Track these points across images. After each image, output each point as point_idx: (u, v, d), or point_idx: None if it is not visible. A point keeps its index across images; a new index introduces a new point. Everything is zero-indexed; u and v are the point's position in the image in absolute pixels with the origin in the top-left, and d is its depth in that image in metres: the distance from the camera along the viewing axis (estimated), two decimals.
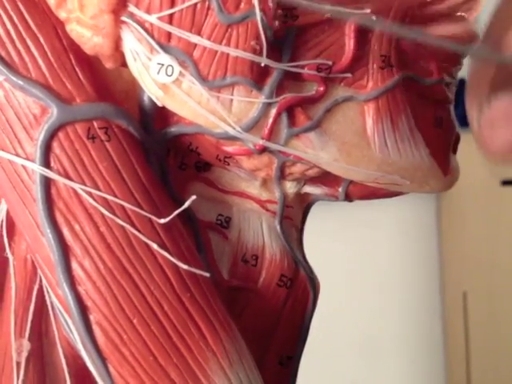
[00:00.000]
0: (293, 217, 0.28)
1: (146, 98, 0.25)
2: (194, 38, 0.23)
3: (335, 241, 1.48)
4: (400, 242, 1.76)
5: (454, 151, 0.29)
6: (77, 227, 0.24)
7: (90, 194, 0.24)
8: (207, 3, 0.23)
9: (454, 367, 1.72)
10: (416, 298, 1.85)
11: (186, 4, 0.23)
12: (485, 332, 1.76)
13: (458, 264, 1.89)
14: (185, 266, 0.24)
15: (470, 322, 1.80)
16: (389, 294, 1.76)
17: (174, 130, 0.26)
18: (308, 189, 0.28)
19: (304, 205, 0.29)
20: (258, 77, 0.24)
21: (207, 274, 0.25)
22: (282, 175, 0.27)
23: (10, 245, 0.25)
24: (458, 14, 0.28)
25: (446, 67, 0.28)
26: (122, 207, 0.24)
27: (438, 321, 1.87)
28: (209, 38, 0.23)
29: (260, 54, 0.24)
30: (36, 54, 0.24)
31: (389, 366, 1.68)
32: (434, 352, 1.82)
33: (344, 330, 1.63)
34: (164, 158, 0.26)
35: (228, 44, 0.23)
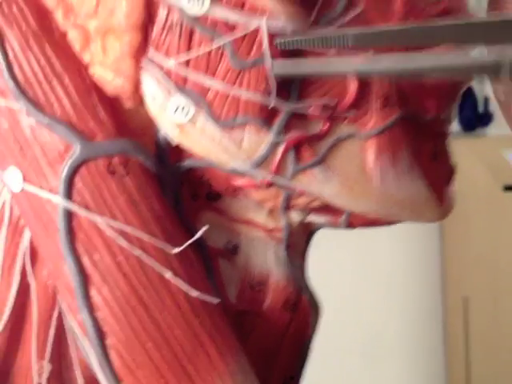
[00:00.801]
0: (297, 244, 0.30)
1: (161, 135, 0.27)
2: (209, 81, 0.25)
3: (337, 245, 1.50)
4: (402, 247, 1.77)
5: (450, 183, 0.30)
6: (96, 256, 0.26)
7: (109, 226, 0.26)
8: (221, 50, 0.25)
9: (455, 372, 1.74)
10: (417, 302, 1.87)
11: (202, 50, 0.25)
12: (485, 337, 1.77)
13: (459, 269, 1.90)
14: (195, 294, 0.26)
15: (471, 327, 1.81)
16: (390, 299, 1.77)
17: (187, 163, 0.28)
18: (312, 218, 0.30)
19: (308, 232, 0.31)
20: (267, 117, 0.26)
21: (216, 301, 0.26)
22: (287, 206, 0.28)
23: (32, 271, 0.27)
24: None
25: (444, 103, 0.29)
26: (138, 238, 0.26)
27: (439, 326, 1.88)
28: (222, 82, 0.25)
29: (269, 95, 0.25)
30: (61, 93, 0.26)
31: (389, 371, 1.70)
32: (434, 357, 1.83)
33: (345, 334, 1.64)
34: (178, 189, 0.28)
35: (240, 87, 0.25)
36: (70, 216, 0.26)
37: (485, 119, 2.34)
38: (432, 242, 2.03)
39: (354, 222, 0.30)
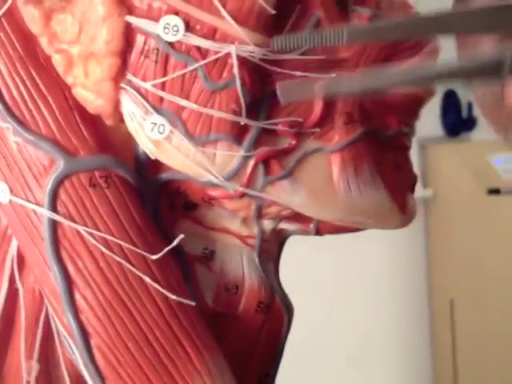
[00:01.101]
0: (270, 250, 0.32)
1: (140, 150, 0.29)
2: (183, 102, 0.27)
3: (323, 248, 1.52)
4: (388, 250, 1.80)
5: (412, 192, 0.33)
6: (79, 263, 0.28)
7: (92, 235, 0.28)
8: (194, 73, 0.27)
9: (442, 373, 1.76)
10: (404, 305, 1.89)
11: (176, 73, 0.27)
12: (471, 338, 1.79)
13: (445, 271, 1.93)
14: (173, 297, 0.28)
15: (457, 328, 1.84)
16: (377, 301, 1.80)
17: (165, 176, 0.30)
18: (283, 225, 0.32)
19: (280, 239, 0.33)
20: (238, 134, 0.28)
21: (192, 304, 0.28)
22: (259, 215, 0.31)
23: (19, 277, 0.29)
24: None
25: (404, 119, 0.32)
26: (119, 245, 0.28)
27: (426, 328, 1.90)
28: (196, 102, 0.27)
29: (240, 114, 0.28)
30: (45, 112, 0.28)
31: (377, 373, 1.72)
32: (421, 359, 1.86)
33: (333, 336, 1.66)
34: (156, 200, 0.30)
35: (212, 107, 0.27)
36: (54, 226, 0.28)
37: (469, 124, 2.37)
38: (418, 245, 2.05)
39: (323, 229, 0.32)
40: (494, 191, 2.08)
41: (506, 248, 1.70)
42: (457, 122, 2.37)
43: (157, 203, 0.30)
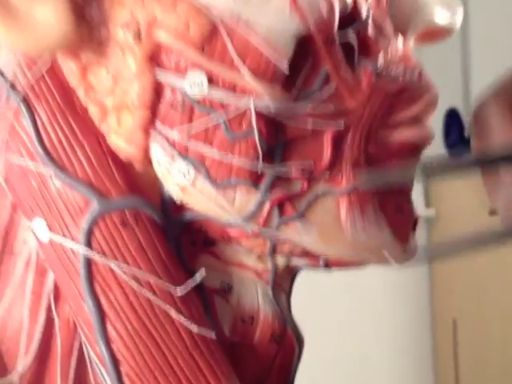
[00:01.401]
0: (282, 284, 0.35)
1: (166, 192, 0.32)
2: (206, 150, 0.30)
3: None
4: (391, 270, 1.81)
5: (414, 231, 0.35)
6: (111, 296, 0.30)
7: (122, 270, 0.30)
8: (217, 124, 0.30)
9: None
10: (406, 324, 1.91)
11: (201, 125, 0.30)
12: (474, 358, 1.80)
13: (447, 292, 1.94)
14: (195, 329, 0.31)
15: (460, 348, 1.85)
16: (379, 322, 1.81)
17: (187, 216, 0.32)
18: (295, 261, 0.35)
19: (292, 273, 0.36)
20: (256, 178, 0.31)
21: (212, 335, 0.31)
22: (273, 252, 0.33)
23: (55, 308, 0.32)
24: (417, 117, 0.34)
25: (405, 163, 0.34)
26: (147, 280, 0.31)
27: (428, 347, 1.92)
28: (218, 150, 0.30)
29: (257, 161, 0.30)
30: (81, 157, 0.31)
31: None
32: (424, 379, 1.87)
33: (336, 356, 1.68)
34: (179, 237, 0.33)
35: (232, 154, 0.30)
36: (89, 262, 0.30)
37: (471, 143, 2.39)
38: (421, 270, 2.07)
39: (331, 264, 0.35)
40: (496, 212, 2.11)
41: (508, 269, 1.72)
42: (459, 141, 2.40)
43: (179, 240, 0.33)
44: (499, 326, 1.71)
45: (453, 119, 2.30)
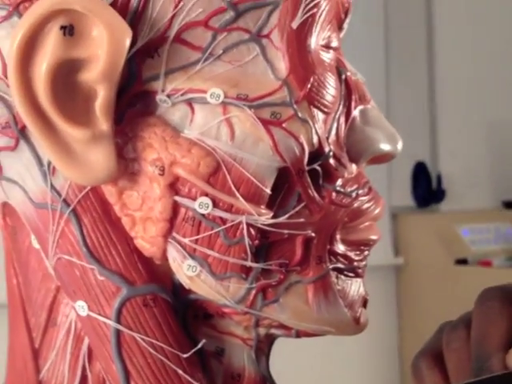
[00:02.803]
0: (263, 348, 0.45)
1: (176, 279, 0.42)
2: (209, 252, 0.41)
3: None
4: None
5: (364, 307, 0.46)
6: (134, 360, 0.41)
7: (143, 340, 0.41)
8: (217, 233, 0.41)
9: None
10: (374, 365, 2.00)
11: (206, 234, 0.40)
12: None
13: (415, 336, 2.05)
14: None
15: None
16: (348, 362, 1.90)
17: (192, 297, 0.43)
18: (273, 331, 0.45)
19: (270, 340, 0.46)
20: (245, 272, 0.41)
21: None
22: (257, 324, 0.44)
23: (89, 366, 0.42)
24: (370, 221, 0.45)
25: (361, 252, 0.45)
26: (161, 347, 0.41)
27: None
28: (218, 252, 0.41)
29: (247, 260, 0.41)
30: (115, 255, 0.41)
31: None
32: None
33: None
34: (185, 312, 0.43)
35: (228, 255, 0.41)
36: (118, 333, 0.41)
37: (438, 195, 2.54)
38: (389, 309, 2.17)
39: (301, 334, 0.45)
40: (462, 261, 2.23)
41: None
42: (426, 193, 2.54)
43: (185, 314, 0.43)
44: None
45: (420, 172, 2.45)
